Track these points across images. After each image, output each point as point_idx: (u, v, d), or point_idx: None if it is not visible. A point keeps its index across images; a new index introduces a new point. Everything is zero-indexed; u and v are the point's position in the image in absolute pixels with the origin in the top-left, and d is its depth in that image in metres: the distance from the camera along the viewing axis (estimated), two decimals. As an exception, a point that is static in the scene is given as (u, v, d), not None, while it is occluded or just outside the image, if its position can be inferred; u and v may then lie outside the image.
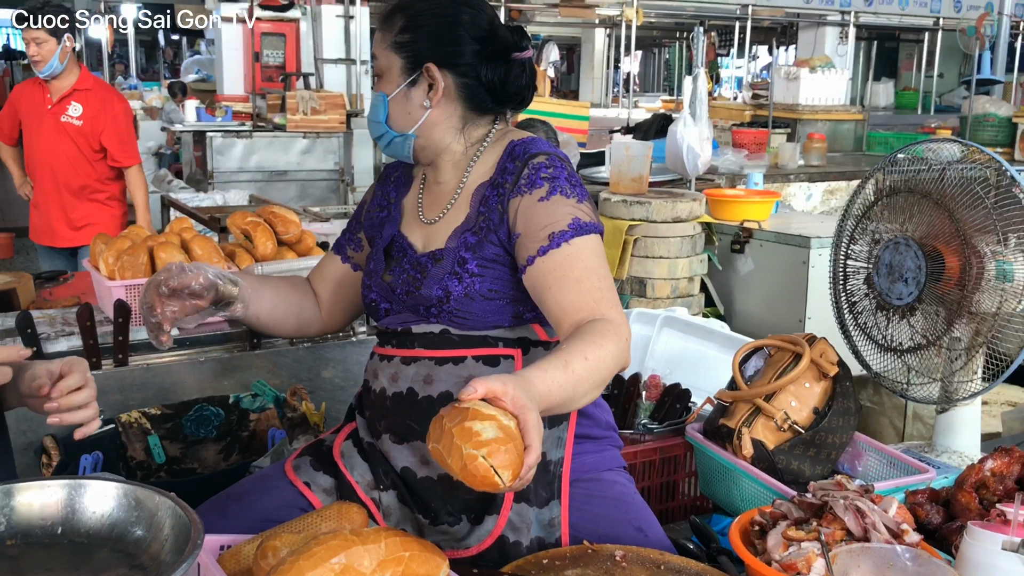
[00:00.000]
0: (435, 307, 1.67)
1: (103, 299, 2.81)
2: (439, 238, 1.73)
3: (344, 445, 1.80)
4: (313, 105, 8.82)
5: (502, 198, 1.67)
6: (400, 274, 1.74)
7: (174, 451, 2.45)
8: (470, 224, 1.70)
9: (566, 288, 1.56)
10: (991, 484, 1.72)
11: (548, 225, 1.61)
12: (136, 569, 1.04)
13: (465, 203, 1.74)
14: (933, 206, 2.09)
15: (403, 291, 1.73)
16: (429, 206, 1.79)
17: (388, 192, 1.88)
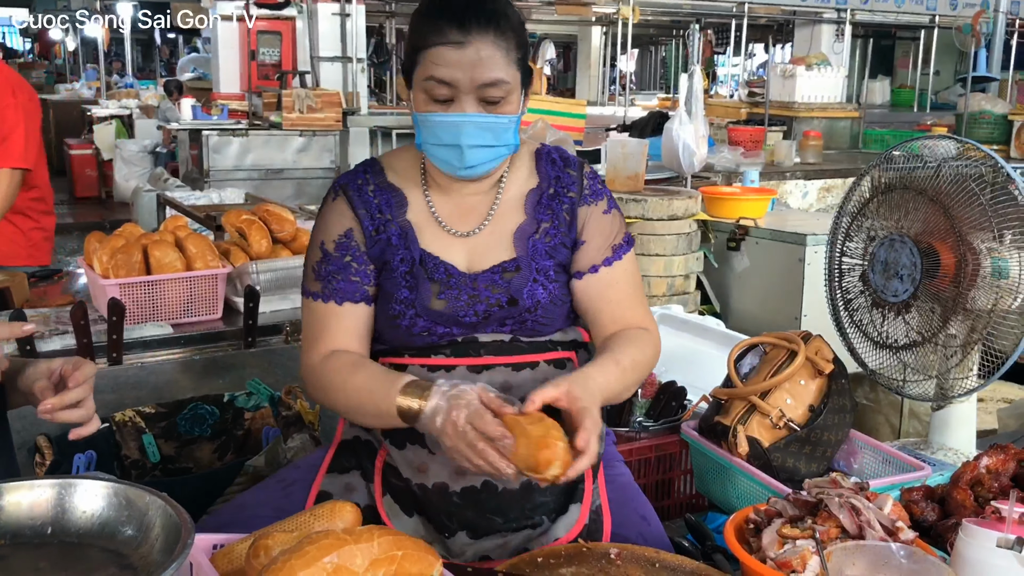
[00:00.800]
0: (515, 318, 1.66)
1: (97, 297, 2.81)
2: (494, 249, 1.68)
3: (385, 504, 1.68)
4: (309, 103, 8.81)
5: (571, 206, 1.73)
6: (457, 296, 1.64)
7: (168, 450, 2.44)
8: (530, 230, 1.69)
9: (621, 299, 1.73)
10: (986, 481, 1.72)
11: (611, 236, 1.74)
12: (126, 569, 1.03)
13: (514, 210, 1.71)
14: (928, 203, 2.09)
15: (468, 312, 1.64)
16: (457, 218, 1.70)
17: (373, 213, 1.69)
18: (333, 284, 1.67)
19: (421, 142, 1.64)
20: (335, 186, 1.73)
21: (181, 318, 2.78)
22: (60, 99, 15.90)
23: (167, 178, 8.48)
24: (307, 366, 1.68)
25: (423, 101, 1.60)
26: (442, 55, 1.55)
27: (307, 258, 1.73)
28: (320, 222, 1.72)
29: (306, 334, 1.71)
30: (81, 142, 12.64)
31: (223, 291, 2.84)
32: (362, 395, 1.58)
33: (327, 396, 1.65)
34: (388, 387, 1.54)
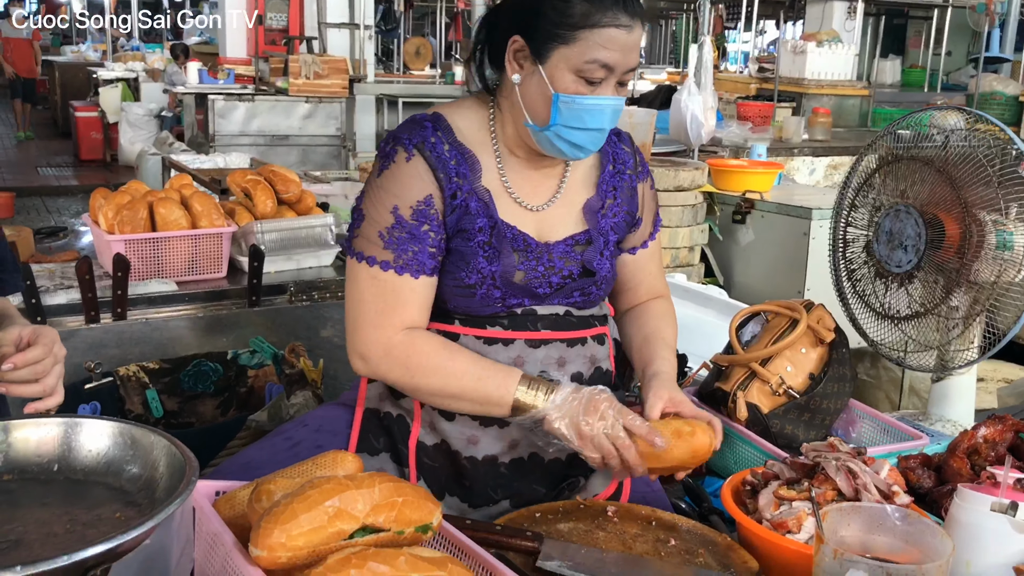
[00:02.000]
0: (582, 290, 1.67)
1: (102, 253, 2.82)
2: (564, 222, 1.68)
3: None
4: (316, 69, 8.79)
5: (631, 183, 1.76)
6: (534, 267, 1.63)
7: (172, 405, 2.46)
8: (597, 206, 1.70)
9: (656, 271, 1.85)
10: (983, 450, 1.73)
11: (655, 212, 1.83)
12: (131, 506, 1.05)
13: (582, 186, 1.71)
14: (935, 173, 2.08)
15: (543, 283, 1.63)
16: (529, 192, 1.66)
17: (451, 176, 1.59)
18: (408, 254, 1.57)
19: (555, 124, 1.55)
20: (404, 142, 1.59)
21: (185, 275, 2.79)
22: (66, 61, 15.85)
23: (172, 142, 8.47)
24: (382, 342, 1.56)
25: (571, 81, 1.52)
26: (612, 38, 1.50)
27: (368, 216, 1.59)
28: (389, 183, 1.58)
29: (372, 306, 1.57)
30: (87, 104, 12.62)
31: (228, 250, 2.85)
32: (465, 381, 1.54)
33: (413, 377, 1.56)
34: (503, 377, 1.54)
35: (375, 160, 1.65)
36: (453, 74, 10.94)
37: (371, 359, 1.58)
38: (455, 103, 1.71)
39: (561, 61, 1.52)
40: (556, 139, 1.57)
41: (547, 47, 1.52)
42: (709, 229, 4.52)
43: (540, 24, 1.52)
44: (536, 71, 1.54)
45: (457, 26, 15.69)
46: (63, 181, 11.26)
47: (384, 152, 1.62)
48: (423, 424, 1.67)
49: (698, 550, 1.48)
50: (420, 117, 1.65)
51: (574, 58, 1.51)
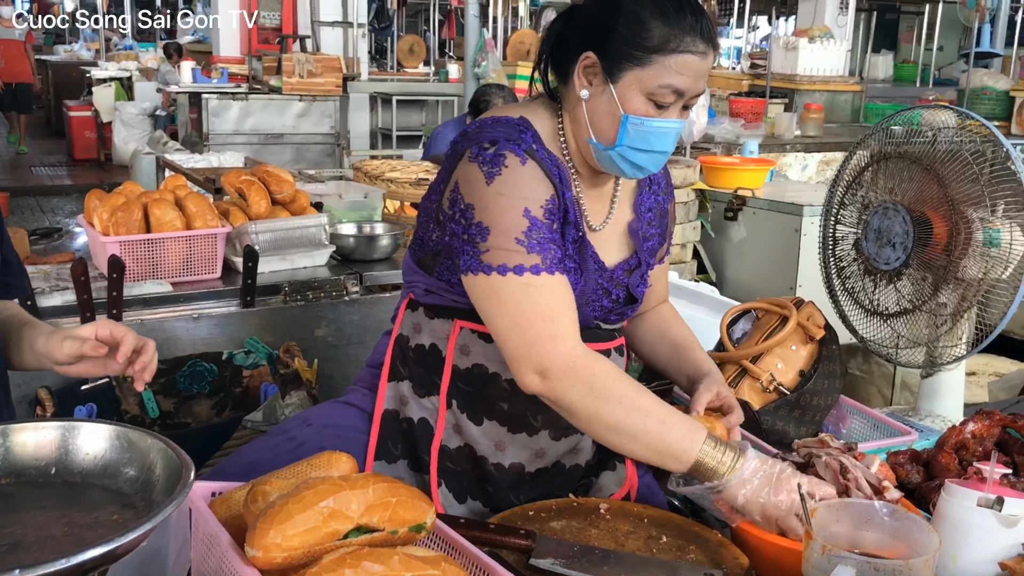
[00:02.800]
0: (620, 315, 1.71)
1: (97, 255, 2.83)
2: (616, 245, 1.68)
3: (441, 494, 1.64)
4: (309, 68, 8.79)
5: (663, 203, 1.78)
6: (595, 288, 1.63)
7: (168, 405, 2.47)
8: (638, 228, 1.70)
9: (664, 280, 1.92)
10: (971, 446, 1.75)
11: (671, 231, 1.85)
12: (128, 508, 1.06)
13: (625, 207, 1.71)
14: (923, 172, 2.10)
15: (595, 306, 1.64)
16: (592, 213, 1.65)
17: (559, 188, 1.54)
18: (552, 255, 1.48)
19: (621, 145, 1.52)
20: (512, 147, 1.50)
21: (180, 276, 2.80)
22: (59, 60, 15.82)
23: (166, 141, 8.47)
24: (563, 354, 1.44)
25: (641, 104, 1.49)
26: (687, 64, 1.48)
27: (497, 227, 1.47)
28: (510, 188, 1.48)
29: (537, 315, 1.45)
30: (80, 104, 12.60)
31: (222, 250, 2.86)
32: (650, 421, 1.44)
33: (596, 400, 1.44)
34: (688, 429, 1.45)
35: (471, 167, 1.51)
36: (447, 72, 10.95)
37: (552, 375, 1.43)
38: (528, 107, 1.63)
39: (634, 83, 1.49)
40: (620, 159, 1.54)
41: (620, 67, 1.49)
42: (701, 226, 4.54)
43: (615, 43, 1.49)
44: (607, 90, 1.51)
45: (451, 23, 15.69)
46: (57, 181, 11.24)
47: (488, 158, 1.50)
48: (447, 427, 1.65)
49: (689, 547, 1.49)
50: (510, 120, 1.56)
51: (648, 81, 1.48)
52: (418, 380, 1.68)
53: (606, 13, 1.52)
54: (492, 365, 1.61)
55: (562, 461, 1.69)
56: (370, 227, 3.36)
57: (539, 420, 1.63)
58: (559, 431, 1.65)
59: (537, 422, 1.63)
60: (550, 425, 1.64)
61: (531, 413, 1.62)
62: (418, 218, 1.69)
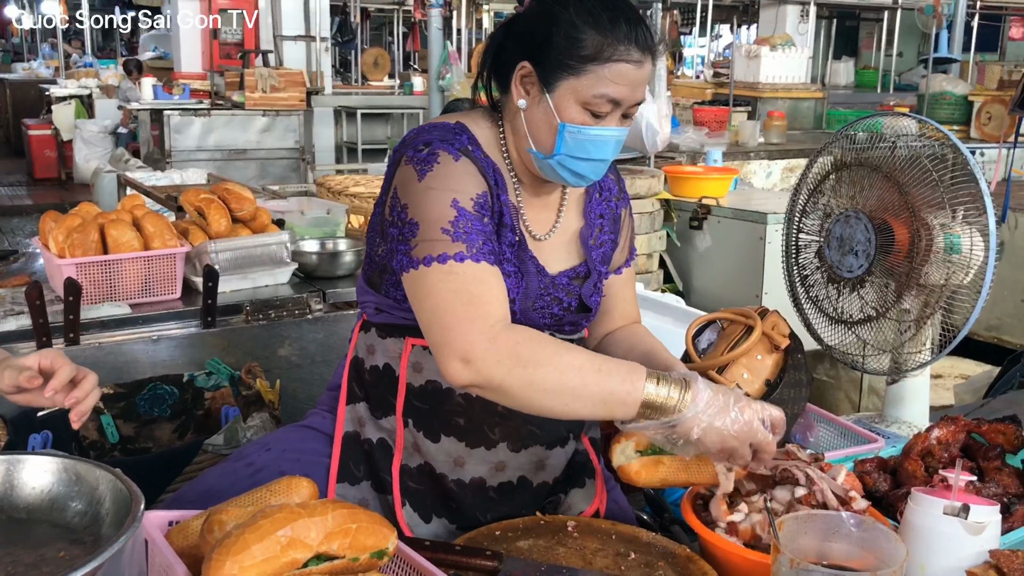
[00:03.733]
0: (574, 324, 1.67)
1: (53, 277, 2.77)
2: (564, 253, 1.66)
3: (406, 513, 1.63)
4: (272, 83, 8.74)
5: (615, 209, 1.75)
6: (541, 295, 1.61)
7: (128, 430, 2.42)
8: (588, 235, 1.68)
9: (630, 297, 1.82)
10: (937, 452, 1.75)
11: (631, 238, 1.81)
12: (76, 544, 1.03)
13: (574, 214, 1.69)
14: (883, 180, 2.11)
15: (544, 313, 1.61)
16: (534, 221, 1.63)
17: (492, 183, 1.54)
18: (479, 244, 1.44)
19: (559, 154, 1.51)
20: (445, 146, 1.50)
21: (139, 298, 2.76)
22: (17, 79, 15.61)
23: (128, 159, 8.38)
24: (483, 333, 1.37)
25: (577, 112, 1.49)
26: (622, 73, 1.47)
27: (425, 219, 1.45)
28: (440, 182, 1.47)
29: (457, 302, 1.40)
30: (40, 122, 12.44)
31: (182, 270, 2.82)
32: (586, 374, 1.37)
33: (526, 368, 1.36)
34: (626, 370, 1.39)
35: (406, 168, 1.51)
36: (411, 84, 10.93)
37: (474, 356, 1.36)
38: (469, 115, 1.63)
39: (569, 92, 1.48)
40: (559, 168, 1.54)
41: (556, 76, 1.48)
42: (667, 236, 4.55)
43: (550, 53, 1.48)
44: (543, 99, 1.50)
45: (415, 36, 15.68)
46: (16, 201, 11.07)
47: (421, 158, 1.50)
48: (406, 446, 1.63)
49: (658, 563, 1.48)
50: (445, 125, 1.56)
51: (583, 90, 1.48)
52: (375, 401, 1.66)
53: (542, 23, 1.51)
54: (445, 381, 1.55)
55: (528, 477, 1.66)
56: (333, 243, 3.32)
57: (496, 432, 1.61)
58: (517, 442, 1.63)
59: (495, 435, 1.61)
60: (508, 437, 1.62)
61: (488, 426, 1.60)
62: (367, 236, 1.67)
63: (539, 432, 1.64)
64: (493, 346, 1.36)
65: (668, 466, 1.54)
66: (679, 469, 1.54)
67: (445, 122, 1.58)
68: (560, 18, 1.48)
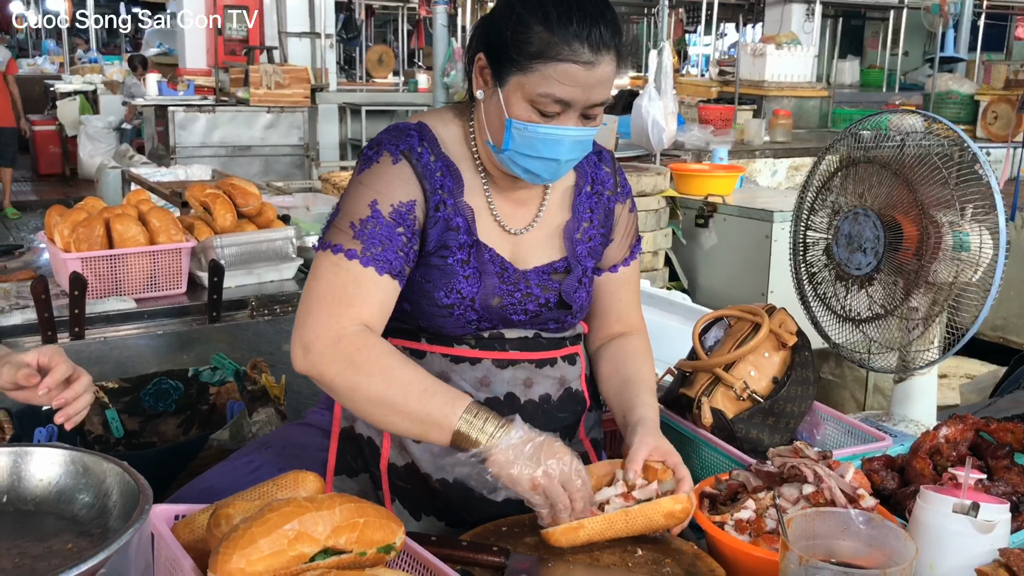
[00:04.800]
0: (558, 320, 1.64)
1: (59, 271, 2.77)
2: (542, 247, 1.63)
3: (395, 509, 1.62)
4: (277, 79, 8.73)
5: (608, 204, 1.71)
6: (511, 293, 1.59)
7: (132, 425, 2.42)
8: (574, 229, 1.66)
9: (630, 300, 1.78)
10: (945, 450, 1.74)
11: (631, 235, 1.77)
12: (83, 536, 1.02)
13: (559, 207, 1.66)
14: (892, 177, 2.10)
15: (518, 310, 1.59)
16: (508, 215, 1.61)
17: (435, 188, 1.54)
18: (377, 250, 1.47)
19: (508, 149, 1.50)
20: (390, 147, 1.53)
21: (144, 292, 2.76)
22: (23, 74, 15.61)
23: (132, 155, 8.38)
24: (332, 331, 1.42)
25: (524, 109, 1.47)
26: (569, 74, 1.43)
27: (344, 209, 1.51)
28: (371, 180, 1.51)
29: (329, 294, 1.45)
30: (44, 118, 12.46)
31: (187, 265, 2.82)
32: (411, 391, 1.40)
33: (356, 374, 1.41)
34: (451, 398, 1.41)
35: (357, 164, 1.57)
36: (416, 82, 10.93)
37: (314, 349, 1.42)
38: (437, 112, 1.64)
39: (517, 88, 1.47)
40: (511, 163, 1.53)
41: (506, 71, 1.47)
42: (672, 233, 4.54)
43: (501, 47, 1.47)
44: (495, 93, 1.49)
45: (419, 33, 15.68)
46: (21, 196, 11.08)
47: (367, 155, 1.54)
48: (392, 445, 1.62)
49: (665, 560, 1.47)
50: (404, 126, 1.58)
51: (528, 88, 1.45)
52: None
53: (500, 15, 1.50)
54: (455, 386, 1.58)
55: None
56: (339, 239, 3.31)
57: None
58: None
59: None
60: None
61: None
62: None
63: None
64: (334, 347, 1.42)
65: (589, 529, 1.46)
66: (604, 528, 1.46)
67: (407, 123, 1.59)
68: (514, 12, 1.47)
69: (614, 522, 1.46)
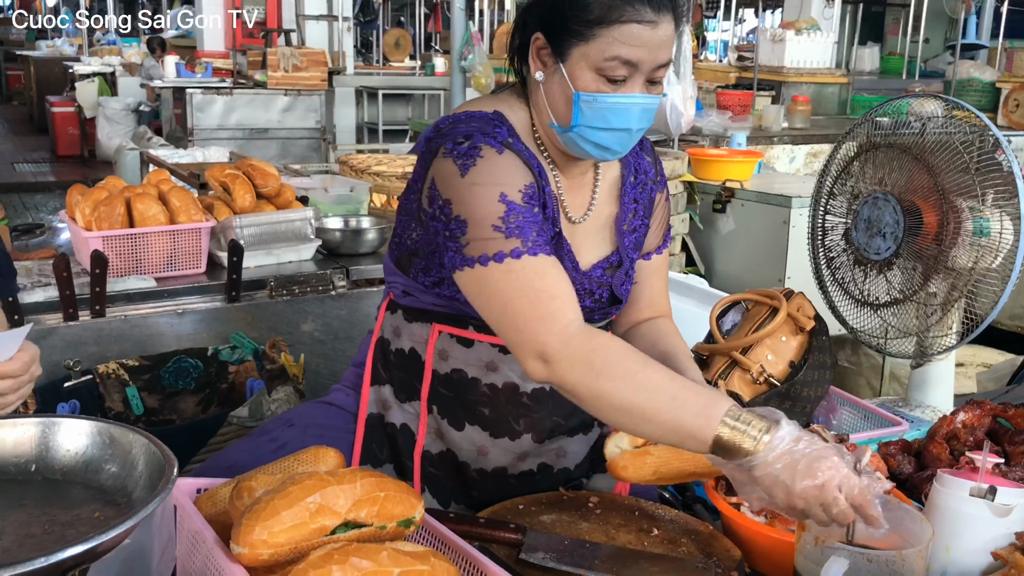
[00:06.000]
0: (605, 314, 1.63)
1: (80, 250, 2.79)
2: (597, 240, 1.62)
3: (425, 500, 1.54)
4: (295, 62, 8.74)
5: (651, 193, 1.70)
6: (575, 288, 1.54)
7: (152, 402, 2.45)
8: (622, 221, 1.64)
9: (660, 287, 1.77)
10: (962, 435, 1.75)
11: (665, 223, 1.76)
12: (110, 505, 1.04)
13: (609, 197, 1.65)
14: (913, 161, 2.09)
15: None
16: (572, 204, 1.59)
17: (539, 181, 1.49)
18: (533, 235, 1.39)
19: (577, 125, 1.46)
20: (488, 140, 1.45)
21: (164, 272, 2.77)
22: (41, 56, 15.70)
23: (150, 136, 8.42)
24: (557, 332, 1.34)
25: (591, 80, 1.43)
26: (633, 34, 1.40)
27: (472, 219, 1.41)
28: (485, 176, 1.42)
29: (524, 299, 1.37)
30: (63, 99, 12.51)
31: (207, 245, 2.84)
32: (659, 398, 1.29)
33: (599, 378, 1.31)
34: (705, 402, 1.28)
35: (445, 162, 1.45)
36: (433, 65, 10.91)
37: (551, 356, 1.32)
38: (503, 99, 1.58)
39: (581, 59, 1.43)
40: (580, 140, 1.48)
41: (567, 44, 1.44)
42: (690, 218, 4.53)
43: (559, 21, 1.44)
44: (558, 69, 1.46)
45: (436, 16, 15.64)
46: (40, 177, 11.15)
47: (463, 152, 1.44)
48: (429, 431, 1.63)
49: (681, 539, 1.48)
50: (483, 115, 1.50)
51: (593, 56, 1.42)
52: (399, 385, 1.65)
53: None
54: (471, 370, 1.58)
55: (549, 463, 1.66)
56: (356, 221, 3.33)
57: (521, 424, 1.60)
58: (542, 434, 1.62)
59: (519, 426, 1.60)
60: (532, 429, 1.61)
61: (513, 418, 1.60)
62: (397, 217, 1.64)
63: (564, 423, 1.63)
64: (567, 349, 1.33)
65: (657, 456, 1.44)
66: (670, 458, 1.45)
67: (483, 111, 1.52)
68: None
69: (680, 451, 1.41)
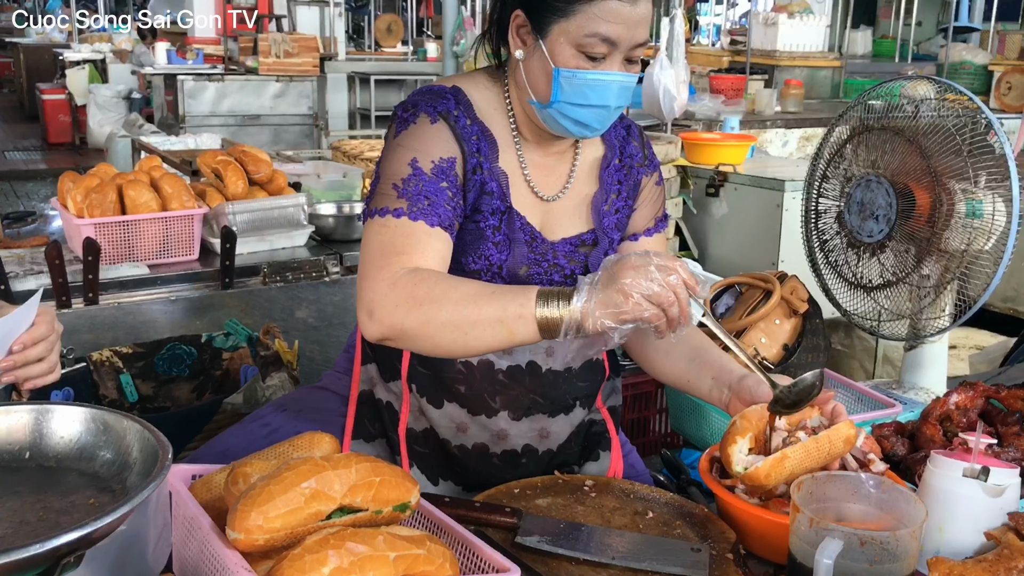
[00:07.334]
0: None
1: (72, 237, 2.79)
2: (571, 217, 1.63)
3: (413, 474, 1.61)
4: (286, 48, 8.70)
5: (636, 177, 1.71)
6: (538, 263, 1.59)
7: (147, 389, 2.45)
8: (602, 201, 1.65)
9: None
10: (955, 417, 1.75)
11: (656, 208, 1.77)
12: (104, 492, 1.04)
13: (588, 177, 1.66)
14: (906, 143, 2.09)
15: (544, 280, 1.59)
16: (541, 181, 1.61)
17: (473, 150, 1.54)
18: (423, 204, 1.45)
19: (557, 101, 1.49)
20: (426, 108, 1.52)
21: (157, 259, 2.77)
22: (31, 43, 15.58)
23: (142, 124, 8.37)
24: (385, 280, 1.38)
25: (571, 56, 1.46)
26: (613, 11, 1.44)
27: (383, 174, 1.50)
28: (409, 140, 1.50)
29: (379, 252, 1.42)
30: (53, 87, 12.43)
31: (199, 232, 2.83)
32: (480, 299, 1.34)
33: (422, 307, 1.35)
34: (519, 288, 1.36)
35: (390, 127, 1.55)
36: (425, 51, 10.87)
37: (375, 305, 1.37)
38: (471, 76, 1.63)
39: (561, 35, 1.46)
40: (559, 116, 1.51)
41: (547, 21, 1.47)
42: (683, 203, 4.53)
43: (546, 2, 1.47)
44: (538, 47, 1.49)
45: (428, 2, 15.55)
46: (31, 165, 11.10)
47: (402, 117, 1.53)
48: (411, 410, 1.64)
49: (676, 522, 1.49)
50: (438, 88, 1.56)
51: (573, 32, 1.45)
52: (383, 364, 1.66)
53: None
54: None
55: (532, 445, 1.66)
56: (349, 207, 3.32)
57: (497, 401, 1.61)
58: (519, 412, 1.62)
59: (496, 403, 1.61)
60: (509, 406, 1.61)
61: (489, 395, 1.60)
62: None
63: (542, 401, 1.63)
64: (392, 292, 1.37)
65: (792, 458, 1.42)
66: (803, 459, 1.43)
67: (442, 86, 1.57)
68: None
69: (811, 450, 1.42)
